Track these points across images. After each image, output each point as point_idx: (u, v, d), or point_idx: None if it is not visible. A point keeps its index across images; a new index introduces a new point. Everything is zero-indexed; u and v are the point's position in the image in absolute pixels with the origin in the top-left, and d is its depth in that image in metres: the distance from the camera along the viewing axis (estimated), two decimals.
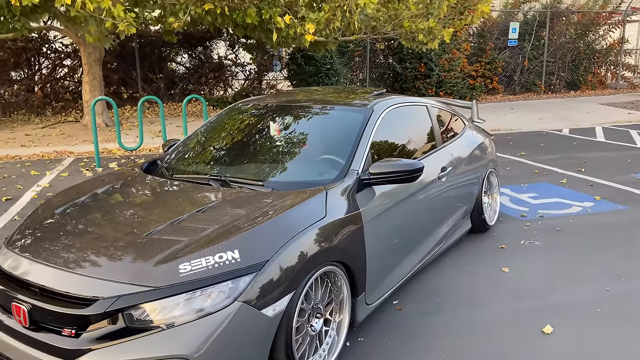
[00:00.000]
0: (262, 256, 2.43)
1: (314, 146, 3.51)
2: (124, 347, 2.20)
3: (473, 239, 4.75)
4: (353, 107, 3.70)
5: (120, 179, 3.42)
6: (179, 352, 2.17)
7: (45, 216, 2.99)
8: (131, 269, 2.35)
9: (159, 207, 2.95)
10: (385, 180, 3.12)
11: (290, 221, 2.66)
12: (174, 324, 2.23)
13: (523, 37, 16.77)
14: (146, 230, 2.62)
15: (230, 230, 2.54)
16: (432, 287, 3.82)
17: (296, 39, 8.91)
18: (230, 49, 14.92)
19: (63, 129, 11.32)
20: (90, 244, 2.59)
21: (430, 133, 4.18)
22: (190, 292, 2.28)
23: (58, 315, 2.32)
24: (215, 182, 3.22)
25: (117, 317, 2.26)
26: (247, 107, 4.05)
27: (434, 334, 3.18)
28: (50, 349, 2.30)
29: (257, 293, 2.35)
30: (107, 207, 3.00)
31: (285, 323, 2.46)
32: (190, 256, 2.38)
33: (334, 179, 3.10)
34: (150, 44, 14.29)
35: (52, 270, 2.44)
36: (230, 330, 2.26)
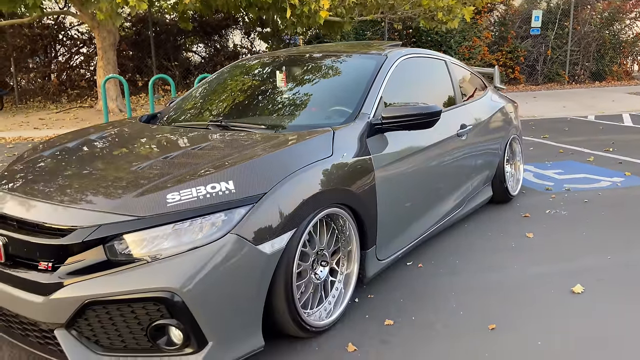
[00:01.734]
0: (259, 188, 2.19)
1: (324, 92, 3.26)
2: (103, 280, 1.98)
3: (494, 209, 4.44)
4: (366, 55, 3.44)
5: (116, 127, 3.21)
6: (165, 284, 1.94)
7: (31, 158, 2.79)
8: (114, 199, 2.13)
9: (152, 147, 2.73)
10: (398, 124, 2.85)
11: (293, 156, 2.41)
12: (160, 257, 2.00)
13: (546, 26, 16.31)
14: (134, 165, 2.40)
15: (225, 162, 2.31)
16: (450, 250, 3.54)
17: (310, 17, 8.67)
18: (246, 37, 14.75)
19: (77, 113, 11.27)
20: (73, 178, 2.38)
21: (449, 89, 3.89)
22: (178, 223, 2.04)
23: (33, 247, 2.11)
24: (215, 127, 2.99)
25: (98, 249, 2.03)
26: (254, 61, 3.81)
27: (451, 293, 2.90)
28: (25, 284, 2.09)
29: (253, 227, 2.11)
30: (97, 149, 2.79)
31: (285, 264, 2.21)
32: (179, 186, 2.14)
33: (343, 122, 2.85)
34: (166, 31, 14.21)
35: (30, 202, 2.23)
36: (223, 264, 2.02)
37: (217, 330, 2.03)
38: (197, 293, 1.96)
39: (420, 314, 2.67)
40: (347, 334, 2.48)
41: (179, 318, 1.97)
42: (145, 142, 2.84)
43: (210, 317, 2.00)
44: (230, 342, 2.07)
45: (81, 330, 2.05)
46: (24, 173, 2.58)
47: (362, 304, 2.79)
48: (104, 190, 2.21)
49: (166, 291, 1.94)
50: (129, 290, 1.95)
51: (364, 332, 2.50)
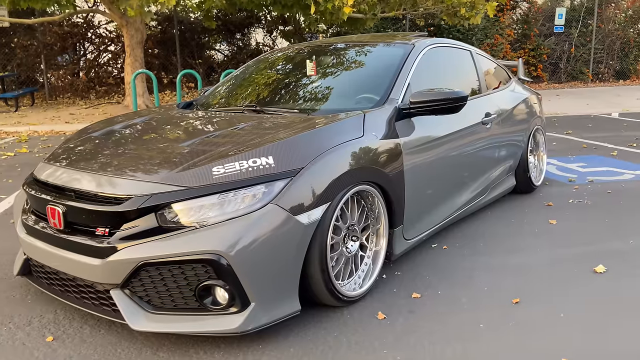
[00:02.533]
0: (297, 163, 2.34)
1: (353, 79, 3.40)
2: (156, 244, 2.15)
3: (517, 198, 4.53)
4: (394, 44, 3.57)
5: (157, 113, 3.40)
6: (213, 247, 2.10)
7: (82, 137, 2.99)
8: (164, 171, 2.30)
9: (192, 129, 2.91)
10: (426, 109, 2.98)
11: (327, 135, 2.56)
12: (207, 223, 2.16)
13: (570, 24, 16.18)
14: (180, 143, 2.58)
15: (265, 140, 2.47)
16: (474, 234, 3.64)
17: (334, 14, 8.81)
18: (268, 35, 14.95)
19: (105, 109, 11.57)
20: (124, 154, 2.56)
21: (474, 78, 4.00)
22: (223, 193, 2.21)
23: (92, 215, 2.29)
24: (250, 111, 3.16)
25: (150, 216, 2.21)
26: (283, 52, 3.97)
27: (475, 272, 3.01)
28: (84, 249, 2.27)
29: (291, 199, 2.26)
30: (143, 130, 2.98)
31: (320, 235, 2.36)
32: (223, 160, 2.31)
33: (373, 107, 2.99)
34: (190, 30, 14.48)
35: (87, 174, 2.42)
36: (264, 232, 2.17)
37: (259, 292, 2.18)
38: (241, 256, 2.12)
39: (446, 289, 2.79)
40: (377, 305, 2.62)
41: (225, 279, 2.13)
42: (186, 123, 3.02)
43: (252, 280, 2.15)
44: (270, 304, 2.23)
45: (135, 290, 2.23)
46: (77, 150, 2.78)
47: (390, 279, 2.92)
48: (155, 163, 2.38)
49: (214, 253, 2.10)
50: (179, 253, 2.11)
51: (393, 303, 2.63)
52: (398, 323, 2.44)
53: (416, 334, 2.34)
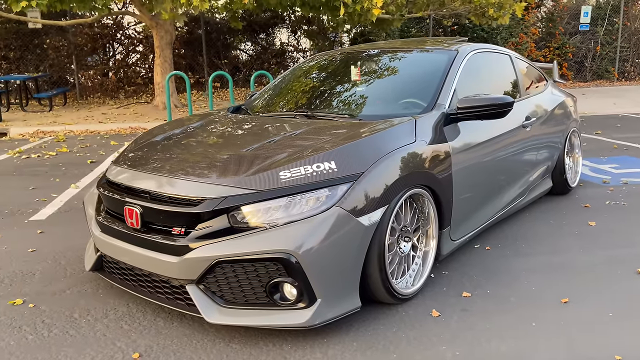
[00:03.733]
0: (357, 168, 2.48)
1: (400, 84, 3.53)
2: (229, 243, 2.31)
3: (553, 199, 4.61)
4: (437, 50, 3.68)
5: (210, 117, 3.57)
6: (285, 247, 2.25)
7: (146, 142, 3.17)
8: (235, 175, 2.46)
9: (251, 134, 3.06)
10: (473, 114, 3.09)
11: (384, 140, 2.70)
12: (277, 225, 2.32)
13: (595, 22, 16.04)
14: (244, 148, 2.73)
15: (325, 145, 2.61)
16: (515, 235, 3.75)
17: (362, 15, 8.92)
18: (293, 35, 15.11)
19: (136, 109, 11.84)
20: (192, 158, 2.73)
21: (514, 83, 4.09)
22: (290, 196, 2.36)
23: (168, 215, 2.46)
24: (301, 116, 3.30)
25: (223, 217, 2.37)
26: (327, 57, 4.11)
27: (521, 272, 3.12)
28: (161, 247, 2.44)
29: (354, 201, 2.40)
30: (203, 135, 3.15)
31: (378, 236, 2.49)
32: (289, 165, 2.46)
33: (421, 112, 3.11)
34: (216, 30, 14.71)
35: (161, 177, 2.59)
36: (330, 232, 2.31)
37: (324, 289, 2.33)
38: (309, 255, 2.26)
39: (494, 288, 2.91)
40: (429, 303, 2.75)
41: (294, 277, 2.28)
42: (244, 128, 3.17)
43: (319, 277, 2.30)
44: (334, 301, 2.37)
45: (209, 286, 2.40)
46: (146, 154, 2.95)
47: (438, 279, 3.04)
48: (224, 168, 2.54)
49: (285, 253, 2.25)
50: (253, 252, 2.27)
51: (444, 302, 2.76)
52: (453, 320, 2.56)
53: (472, 331, 2.46)
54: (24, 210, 4.55)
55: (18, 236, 3.89)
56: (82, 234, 3.88)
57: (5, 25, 12.95)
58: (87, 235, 3.83)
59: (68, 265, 3.33)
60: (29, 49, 13.44)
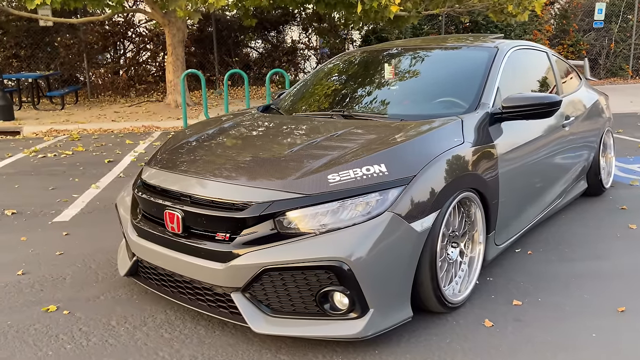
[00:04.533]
0: (409, 171, 2.37)
1: (438, 82, 3.40)
2: (279, 249, 2.20)
3: (587, 201, 4.48)
4: (475, 47, 3.56)
5: (242, 117, 3.46)
6: (337, 254, 2.14)
7: (181, 142, 3.06)
8: (282, 179, 2.34)
9: (290, 134, 2.95)
10: (519, 114, 2.98)
11: (433, 142, 2.58)
12: (326, 230, 2.21)
13: (610, 19, 15.84)
14: (287, 149, 2.62)
15: (373, 147, 2.50)
16: (555, 238, 3.63)
17: (379, 12, 8.79)
18: (304, 32, 14.99)
19: (148, 107, 11.76)
20: (233, 160, 2.62)
21: (552, 80, 3.97)
22: (340, 201, 2.25)
23: (212, 220, 2.35)
24: (339, 116, 3.19)
25: (269, 222, 2.26)
26: (358, 54, 3.99)
27: (570, 278, 3.00)
28: (204, 253, 2.34)
29: (406, 206, 2.29)
30: (239, 135, 3.04)
31: (430, 242, 2.38)
32: (338, 168, 2.35)
33: (465, 112, 2.99)
34: (227, 28, 14.60)
35: (203, 180, 2.48)
36: (383, 239, 2.20)
37: (377, 298, 2.22)
38: (362, 263, 2.16)
39: (546, 296, 2.79)
40: (479, 312, 2.63)
41: (346, 285, 2.17)
42: (281, 129, 3.06)
43: (372, 286, 2.19)
44: (387, 310, 2.26)
45: (255, 294, 2.29)
46: (182, 155, 2.84)
47: (484, 285, 2.93)
48: (268, 170, 2.43)
49: (337, 260, 2.14)
50: (303, 259, 2.16)
51: (494, 310, 2.65)
52: (508, 331, 2.45)
53: (530, 344, 2.35)
54: (46, 211, 4.46)
55: (43, 238, 3.80)
56: (108, 236, 3.78)
57: (16, 23, 12.89)
58: (115, 237, 3.75)
59: (98, 269, 3.23)
60: (40, 47, 13.38)
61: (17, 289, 2.97)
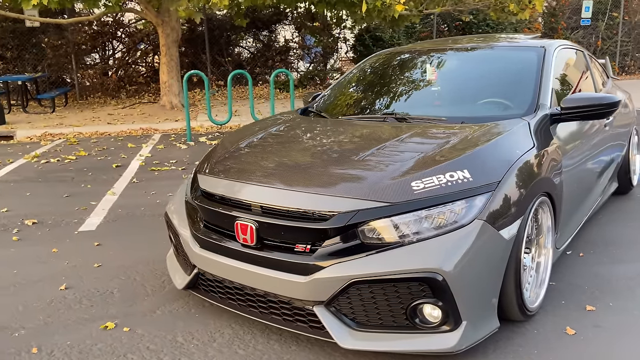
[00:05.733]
0: (493, 177, 2.29)
1: (491, 83, 3.34)
2: (366, 261, 2.11)
3: (619, 200, 4.48)
4: (521, 47, 3.52)
5: (289, 121, 3.34)
6: (430, 265, 2.05)
7: (235, 148, 2.92)
8: (363, 187, 2.24)
9: (353, 139, 2.83)
10: (578, 115, 2.93)
11: (509, 145, 2.52)
12: (415, 240, 2.12)
13: (596, 17, 16.09)
14: (355, 155, 2.52)
15: (450, 152, 2.41)
16: (600, 239, 3.60)
17: (382, 11, 8.72)
18: (297, 31, 14.86)
19: (142, 109, 11.51)
20: (304, 167, 2.50)
21: (590, 79, 3.95)
22: (427, 209, 2.16)
23: (292, 230, 2.24)
24: (392, 120, 3.10)
25: (352, 232, 2.16)
26: (397, 54, 3.91)
27: (630, 280, 2.97)
28: (283, 266, 2.23)
29: (494, 213, 2.21)
30: (295, 140, 2.93)
31: (516, 249, 2.32)
32: (420, 174, 2.26)
33: (524, 114, 2.93)
34: (219, 27, 14.39)
35: (279, 190, 2.36)
36: (473, 248, 2.12)
37: (469, 309, 2.14)
38: (456, 274, 2.07)
39: (615, 300, 2.74)
40: (553, 319, 2.57)
41: (440, 297, 2.08)
42: (339, 135, 2.94)
43: (465, 297, 2.11)
44: (478, 322, 2.19)
45: (340, 308, 2.19)
46: (243, 162, 2.70)
47: (548, 290, 2.87)
48: (346, 178, 2.32)
49: (432, 272, 2.05)
50: (396, 271, 2.07)
51: (569, 317, 2.59)
52: (593, 339, 2.39)
53: (621, 351, 2.29)
54: (68, 220, 4.27)
55: (75, 249, 3.63)
56: (142, 246, 3.63)
57: (2, 24, 12.48)
58: (151, 247, 3.60)
59: (144, 281, 3.09)
60: (26, 48, 12.98)
61: (65, 306, 2.81)
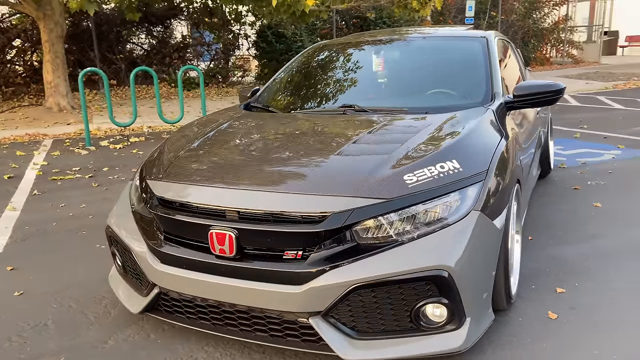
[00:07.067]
0: (481, 166, 2.23)
1: (444, 73, 3.31)
2: (367, 263, 1.94)
3: (542, 185, 4.73)
4: (465, 37, 3.54)
5: (236, 118, 3.06)
6: (436, 262, 1.93)
7: (186, 150, 2.59)
8: (353, 183, 2.06)
9: (319, 134, 2.63)
10: (529, 102, 2.99)
11: (486, 134, 2.48)
12: (414, 237, 1.98)
13: (479, 15, 17.29)
14: (333, 149, 2.33)
15: (431, 143, 2.31)
16: (540, 222, 3.74)
17: (292, 6, 8.58)
18: (195, 28, 14.23)
19: (25, 112, 10.32)
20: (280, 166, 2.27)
21: (519, 68, 4.11)
22: (423, 203, 2.03)
23: (279, 236, 2.00)
24: (352, 112, 2.95)
25: (348, 233, 1.98)
26: (342, 45, 3.76)
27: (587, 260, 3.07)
28: (271, 276, 1.98)
29: (487, 203, 2.15)
30: (256, 137, 2.66)
31: (504, 239, 2.27)
32: (411, 167, 2.13)
33: (483, 102, 2.93)
34: (107, 22, 13.34)
35: (261, 192, 2.10)
36: (473, 240, 2.03)
37: (473, 304, 2.05)
38: (461, 269, 1.97)
39: (580, 281, 2.82)
40: (531, 305, 2.58)
41: (446, 295, 1.97)
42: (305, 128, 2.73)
43: (469, 292, 2.02)
44: (479, 316, 2.11)
45: (339, 317, 1.99)
46: (206, 165, 2.39)
47: None
48: (331, 175, 2.12)
49: (438, 269, 1.93)
50: (402, 271, 1.92)
51: (544, 301, 2.61)
52: (575, 321, 2.42)
53: (605, 329, 2.34)
54: None
55: None
56: (67, 266, 3.15)
57: None
58: (77, 266, 3.14)
59: (83, 308, 2.65)
60: None
61: None
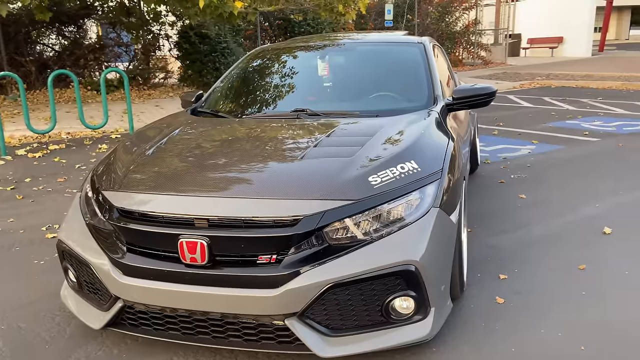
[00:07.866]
0: (436, 165, 2.38)
1: (387, 78, 3.46)
2: (340, 262, 2.02)
3: (471, 179, 5.04)
4: (403, 42, 3.71)
5: (187, 123, 3.03)
6: (405, 258, 2.05)
7: (145, 158, 2.53)
8: (321, 186, 2.13)
9: (276, 138, 2.67)
10: (467, 103, 3.20)
11: (436, 135, 2.64)
12: (382, 235, 2.09)
13: (397, 19, 17.97)
14: (295, 154, 2.39)
15: (390, 145, 2.44)
16: (475, 214, 4.00)
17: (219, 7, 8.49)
18: (112, 28, 13.63)
19: None
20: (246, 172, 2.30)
21: (449, 72, 4.36)
22: (388, 203, 2.14)
23: (253, 242, 2.02)
24: (305, 116, 3.01)
25: (320, 235, 2.05)
26: (283, 50, 3.81)
27: (521, 249, 3.34)
28: (245, 282, 2.00)
29: (444, 200, 2.29)
30: (214, 143, 2.66)
31: (458, 232, 2.44)
32: (374, 168, 2.24)
33: (427, 105, 3.11)
34: (15, 22, 12.45)
35: (229, 199, 2.12)
36: (434, 235, 2.17)
37: (436, 295, 2.18)
38: (425, 263, 2.10)
39: (519, 266, 3.07)
40: (477, 292, 2.78)
41: (413, 288, 2.08)
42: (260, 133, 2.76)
43: (433, 284, 2.15)
44: (441, 306, 2.25)
45: (314, 316, 2.05)
46: (166, 173, 2.36)
47: None
48: (297, 179, 2.19)
49: (407, 264, 2.04)
50: (374, 268, 2.01)
51: (490, 288, 2.82)
52: (522, 305, 2.64)
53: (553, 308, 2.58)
54: None
55: None
56: (6, 285, 2.96)
57: None
58: (17, 284, 2.96)
59: (35, 327, 2.51)
60: None
61: None
